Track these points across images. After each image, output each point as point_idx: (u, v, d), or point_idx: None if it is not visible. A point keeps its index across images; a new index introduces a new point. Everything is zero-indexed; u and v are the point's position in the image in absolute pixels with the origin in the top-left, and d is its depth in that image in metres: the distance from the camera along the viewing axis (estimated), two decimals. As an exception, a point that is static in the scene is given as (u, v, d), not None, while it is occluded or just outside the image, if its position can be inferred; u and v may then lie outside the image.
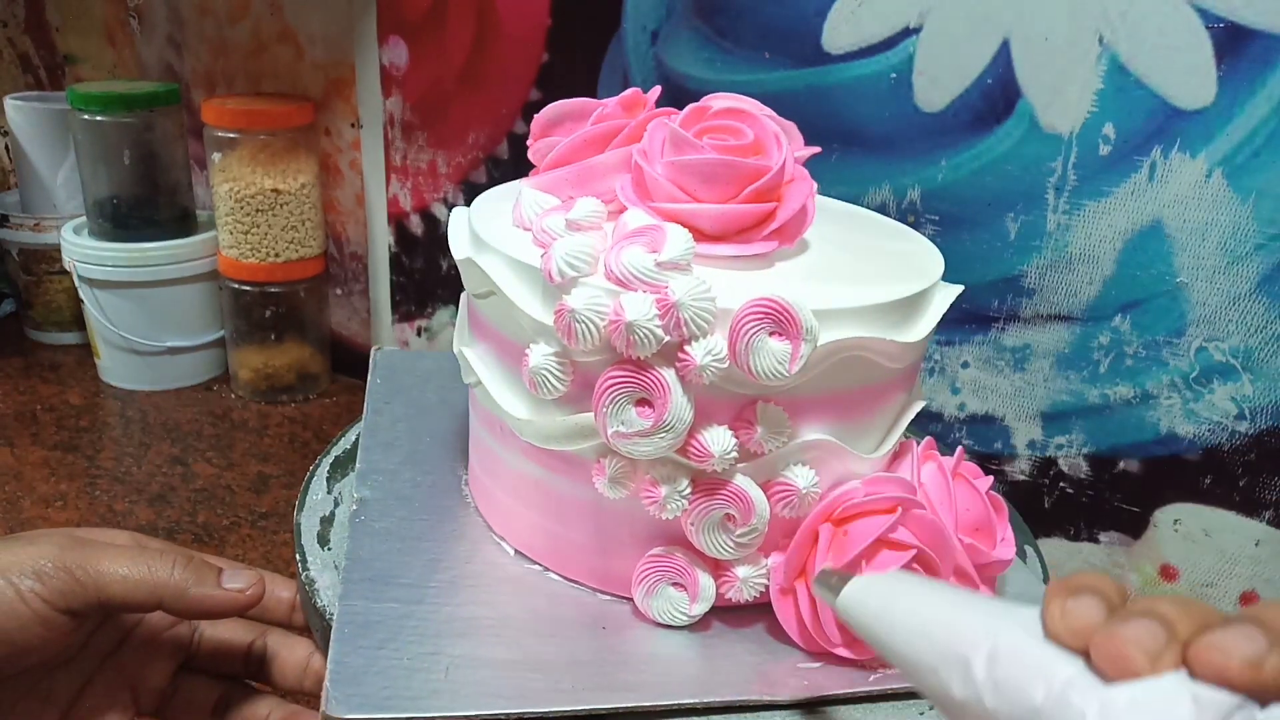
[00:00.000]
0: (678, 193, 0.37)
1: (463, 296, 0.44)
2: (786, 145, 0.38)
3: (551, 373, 0.35)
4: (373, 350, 0.50)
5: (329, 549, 0.42)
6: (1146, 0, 0.54)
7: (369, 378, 0.56)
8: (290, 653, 0.41)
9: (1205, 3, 0.53)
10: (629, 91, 0.42)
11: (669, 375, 0.33)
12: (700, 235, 0.37)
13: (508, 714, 0.33)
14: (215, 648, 0.41)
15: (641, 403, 0.34)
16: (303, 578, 0.40)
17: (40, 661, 0.35)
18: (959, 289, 0.40)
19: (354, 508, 0.43)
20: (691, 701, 0.34)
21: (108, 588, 0.34)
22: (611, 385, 0.33)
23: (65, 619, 0.33)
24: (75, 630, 0.35)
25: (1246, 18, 0.52)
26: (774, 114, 0.41)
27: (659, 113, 0.41)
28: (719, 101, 0.40)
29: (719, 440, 0.34)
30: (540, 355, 0.35)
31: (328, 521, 0.44)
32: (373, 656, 0.34)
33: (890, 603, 0.24)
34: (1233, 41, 0.53)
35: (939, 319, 0.38)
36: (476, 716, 0.32)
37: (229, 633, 0.42)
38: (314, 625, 0.40)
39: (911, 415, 0.40)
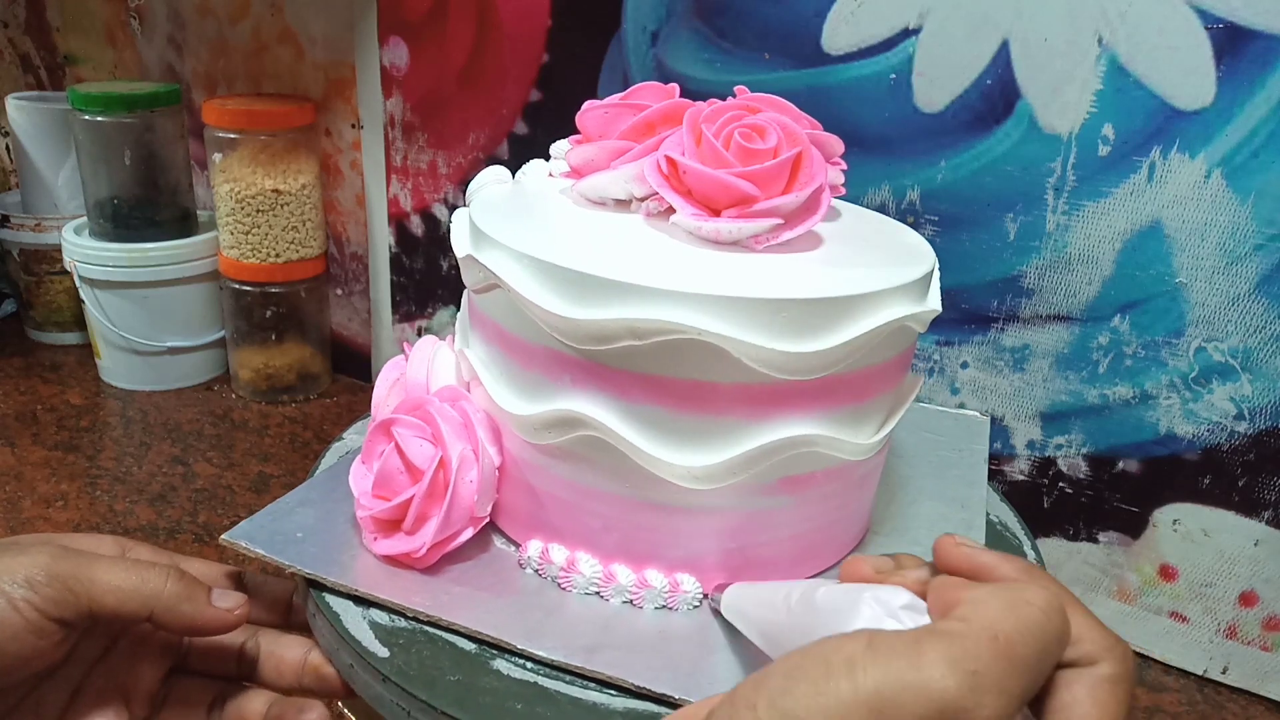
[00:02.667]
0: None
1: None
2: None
3: None
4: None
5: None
6: (1146, 1, 0.54)
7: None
8: (286, 651, 0.41)
9: (1205, 3, 0.53)
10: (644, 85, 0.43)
11: None
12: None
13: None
14: (207, 649, 0.41)
15: None
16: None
17: (30, 673, 0.34)
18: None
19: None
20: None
21: (101, 598, 0.34)
22: None
23: (56, 628, 0.33)
24: (65, 640, 0.34)
25: (1246, 18, 0.52)
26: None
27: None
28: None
29: None
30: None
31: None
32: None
33: (744, 591, 0.35)
34: (1232, 42, 0.53)
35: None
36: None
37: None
38: (315, 623, 0.40)
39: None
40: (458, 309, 0.89)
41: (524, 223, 0.40)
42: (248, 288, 0.91)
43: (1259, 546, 0.60)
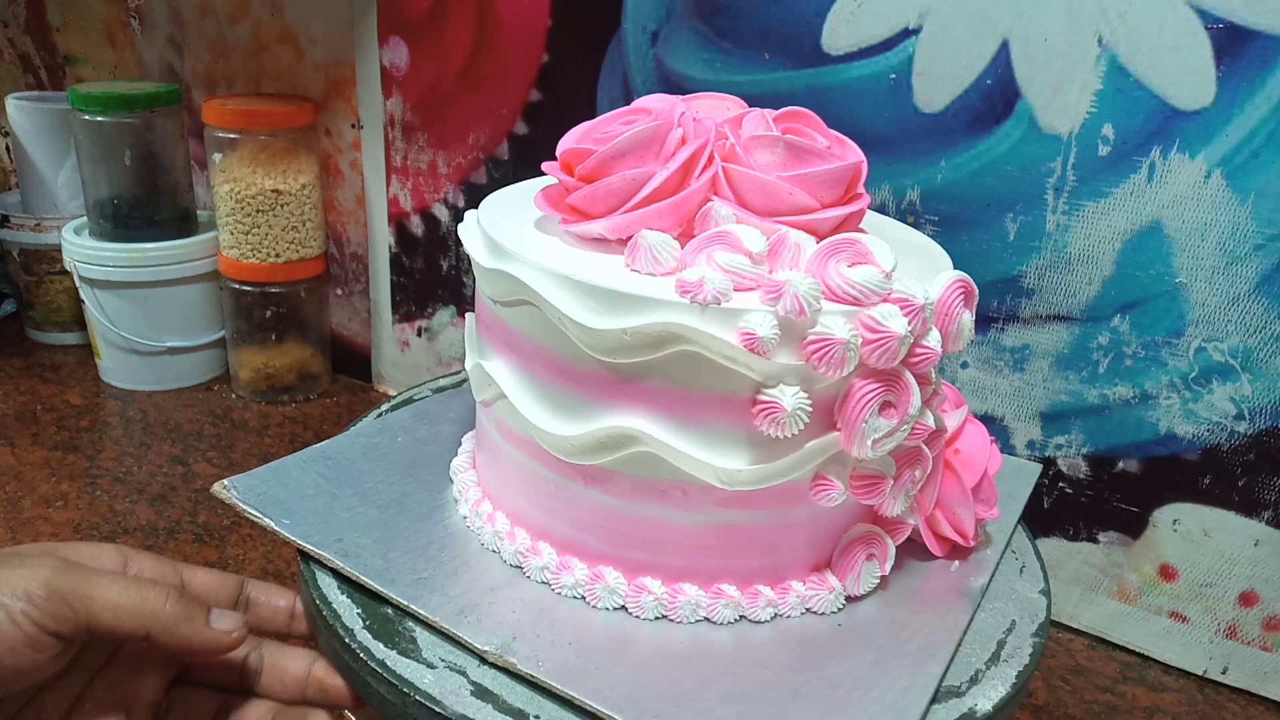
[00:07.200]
0: (810, 201, 0.37)
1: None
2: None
3: (801, 416, 0.34)
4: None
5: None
6: (1146, 0, 0.54)
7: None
8: (289, 663, 0.41)
9: (1205, 3, 0.53)
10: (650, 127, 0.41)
11: (908, 375, 0.35)
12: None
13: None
14: (209, 660, 0.40)
15: (885, 406, 0.35)
16: (305, 576, 0.41)
17: (28, 685, 0.34)
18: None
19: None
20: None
21: (99, 615, 0.34)
22: (867, 400, 0.34)
23: (54, 642, 0.33)
24: (63, 654, 0.34)
25: (1246, 18, 0.52)
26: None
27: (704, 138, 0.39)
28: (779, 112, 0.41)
29: (918, 407, 0.36)
30: (794, 398, 0.34)
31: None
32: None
33: None
34: (1232, 42, 0.53)
35: None
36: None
37: None
38: (317, 626, 0.40)
39: None
40: (458, 309, 0.89)
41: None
42: (248, 288, 0.91)
43: (1259, 546, 0.60)
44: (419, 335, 0.93)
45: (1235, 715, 0.61)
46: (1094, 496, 0.65)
